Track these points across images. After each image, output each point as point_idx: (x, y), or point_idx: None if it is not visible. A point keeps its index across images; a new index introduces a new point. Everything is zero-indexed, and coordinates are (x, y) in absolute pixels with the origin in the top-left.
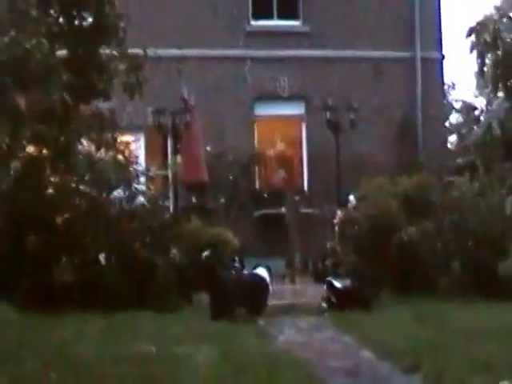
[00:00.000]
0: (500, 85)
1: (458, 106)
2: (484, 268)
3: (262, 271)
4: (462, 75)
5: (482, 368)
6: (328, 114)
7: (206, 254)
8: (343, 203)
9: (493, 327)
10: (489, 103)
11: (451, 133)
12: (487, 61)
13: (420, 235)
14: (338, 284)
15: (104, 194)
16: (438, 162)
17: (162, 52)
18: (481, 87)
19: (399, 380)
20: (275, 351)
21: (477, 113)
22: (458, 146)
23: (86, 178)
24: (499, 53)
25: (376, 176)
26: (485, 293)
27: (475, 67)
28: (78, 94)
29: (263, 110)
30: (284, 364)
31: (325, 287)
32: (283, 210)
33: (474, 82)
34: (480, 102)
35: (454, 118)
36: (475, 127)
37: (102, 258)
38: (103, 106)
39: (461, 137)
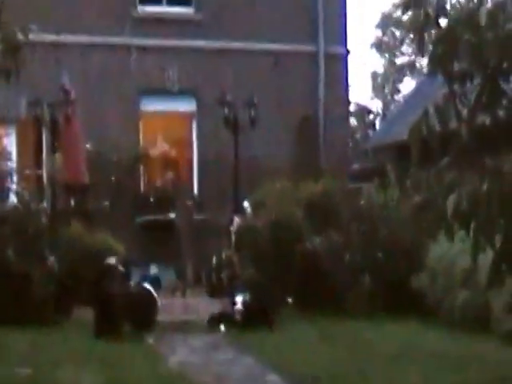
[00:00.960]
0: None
1: (352, 108)
2: (395, 282)
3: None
4: (356, 75)
5: None
6: (226, 110)
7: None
8: (240, 209)
9: (411, 349)
10: (385, 106)
11: None
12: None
13: (326, 246)
14: (239, 299)
15: None
16: (340, 166)
17: (37, 37)
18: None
19: None
20: (167, 375)
21: (372, 117)
22: (353, 150)
23: None
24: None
25: (275, 180)
26: (396, 308)
27: (371, 67)
28: None
29: (150, 105)
30: None
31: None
32: (171, 215)
33: (370, 82)
34: (376, 105)
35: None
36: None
37: None
38: None
39: (355, 141)
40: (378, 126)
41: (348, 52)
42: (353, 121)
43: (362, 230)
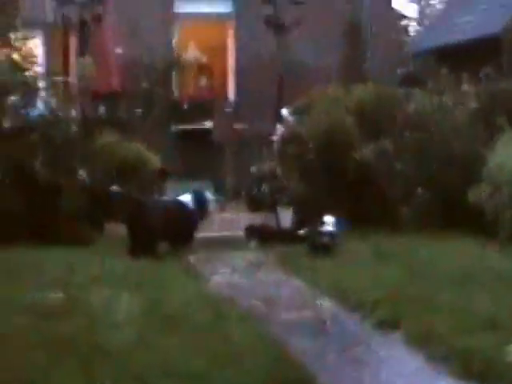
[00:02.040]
0: None
1: None
2: (451, 195)
3: (186, 197)
4: None
5: (481, 325)
6: (268, 8)
7: None
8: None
9: (477, 269)
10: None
11: None
12: None
13: (378, 155)
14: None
15: None
16: (387, 71)
17: None
18: None
19: (377, 341)
20: (211, 299)
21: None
22: None
23: None
24: None
25: (320, 86)
26: (453, 224)
27: None
28: None
29: (184, 7)
30: (225, 316)
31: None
32: (208, 124)
33: None
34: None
35: None
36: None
37: None
38: None
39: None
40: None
41: None
42: None
43: (415, 137)
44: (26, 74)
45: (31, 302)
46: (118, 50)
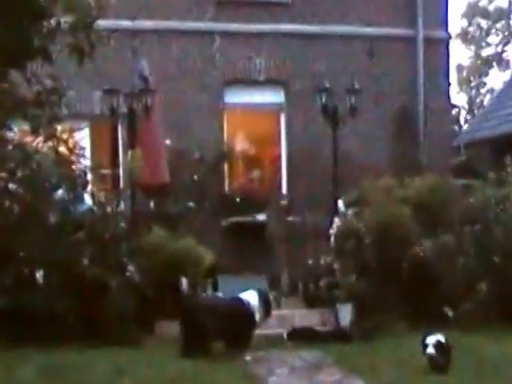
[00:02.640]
0: None
1: None
2: None
3: (250, 295)
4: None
5: None
6: (323, 98)
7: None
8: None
9: None
10: (470, 100)
11: None
12: None
13: (437, 250)
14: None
15: (42, 196)
16: (441, 162)
17: (110, 23)
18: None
19: None
20: None
21: (456, 111)
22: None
23: (19, 174)
24: None
25: (373, 177)
26: None
27: (456, 59)
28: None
29: (234, 98)
30: None
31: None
32: (260, 217)
33: (455, 75)
34: (461, 99)
35: None
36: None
37: (39, 276)
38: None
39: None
40: (462, 121)
41: (450, 37)
42: None
43: (476, 231)
44: (73, 167)
45: None
46: (167, 142)
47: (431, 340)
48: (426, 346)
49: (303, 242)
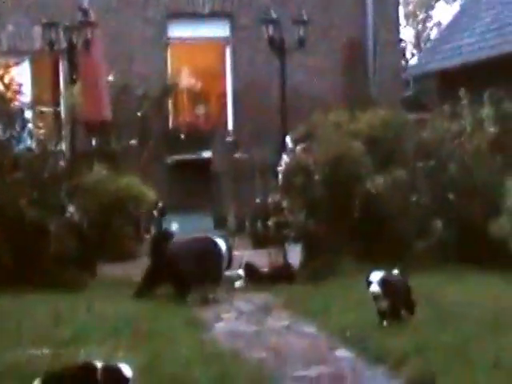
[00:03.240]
0: None
1: None
2: (470, 228)
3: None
4: None
5: None
6: (270, 29)
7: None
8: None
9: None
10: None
11: None
12: None
13: (391, 187)
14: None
15: None
16: (393, 95)
17: None
18: None
19: None
20: (215, 354)
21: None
22: None
23: None
24: None
25: (324, 111)
26: (472, 260)
27: None
28: None
29: (179, 31)
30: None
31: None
32: (206, 154)
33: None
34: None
35: None
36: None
37: None
38: None
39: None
40: (409, 56)
41: None
42: None
43: (430, 167)
44: (11, 104)
45: (12, 362)
46: (110, 77)
47: (376, 277)
48: (369, 283)
49: (250, 180)
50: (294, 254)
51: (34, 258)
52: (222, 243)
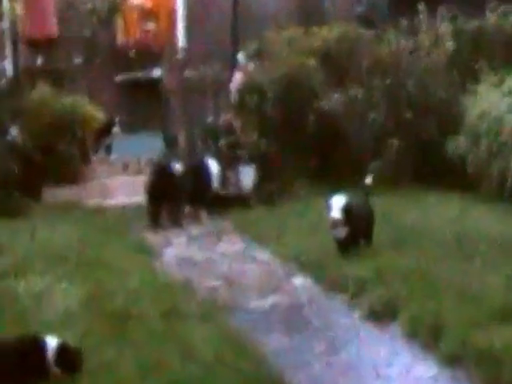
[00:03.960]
0: None
1: None
2: (427, 146)
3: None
4: None
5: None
6: None
7: None
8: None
9: (464, 232)
10: None
11: None
12: None
13: (346, 105)
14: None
15: None
16: (347, 10)
17: None
18: None
19: (370, 337)
20: (164, 284)
21: None
22: None
23: None
24: None
25: (276, 27)
26: (430, 178)
27: None
28: None
29: None
30: (182, 313)
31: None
32: (155, 72)
33: None
34: None
35: None
36: None
37: None
38: None
39: None
40: None
41: None
42: None
43: (386, 84)
44: None
45: None
46: None
47: (338, 202)
48: (330, 208)
49: (201, 99)
50: (247, 176)
51: None
52: (213, 164)
